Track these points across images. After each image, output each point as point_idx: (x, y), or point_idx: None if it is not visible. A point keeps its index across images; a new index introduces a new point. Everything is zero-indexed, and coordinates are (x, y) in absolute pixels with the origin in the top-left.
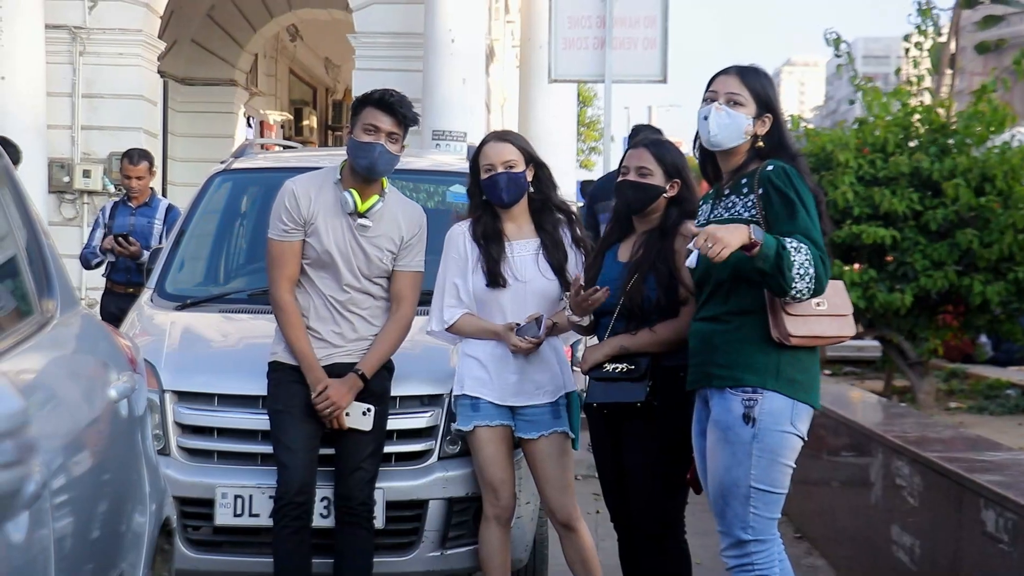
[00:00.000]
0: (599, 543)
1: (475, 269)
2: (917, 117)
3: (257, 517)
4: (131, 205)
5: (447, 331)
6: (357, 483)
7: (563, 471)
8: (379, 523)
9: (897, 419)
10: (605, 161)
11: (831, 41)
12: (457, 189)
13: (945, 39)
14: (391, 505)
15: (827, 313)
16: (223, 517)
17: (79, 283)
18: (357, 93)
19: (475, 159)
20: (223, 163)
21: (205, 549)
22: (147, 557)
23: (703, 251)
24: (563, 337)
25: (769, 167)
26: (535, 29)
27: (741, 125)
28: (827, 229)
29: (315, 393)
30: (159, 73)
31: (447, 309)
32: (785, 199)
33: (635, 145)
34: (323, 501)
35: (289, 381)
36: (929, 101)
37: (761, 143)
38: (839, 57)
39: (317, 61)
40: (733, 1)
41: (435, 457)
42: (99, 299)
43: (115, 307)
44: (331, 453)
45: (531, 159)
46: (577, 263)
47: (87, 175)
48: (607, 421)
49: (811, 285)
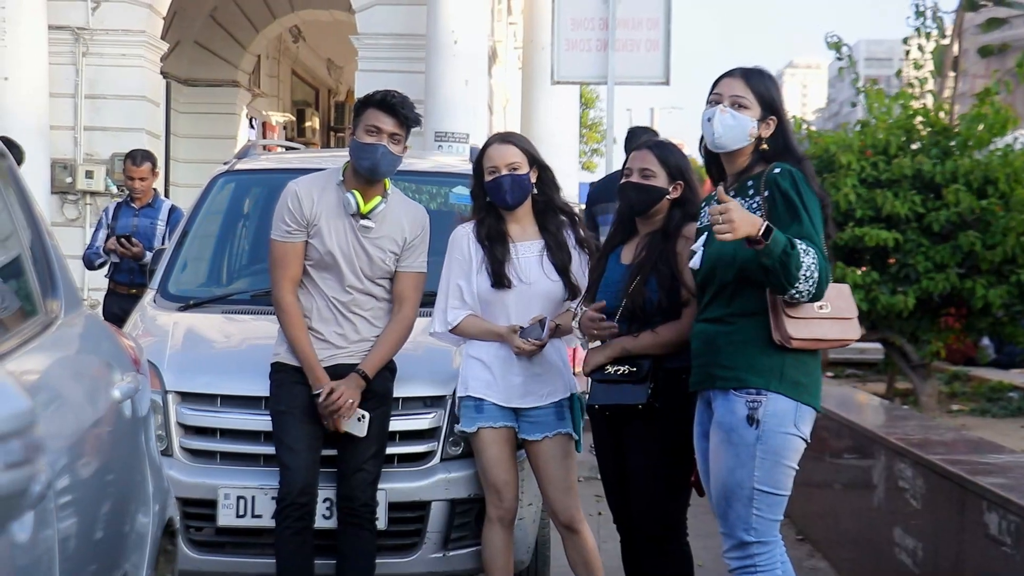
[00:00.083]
0: (601, 545)
1: (479, 270)
2: (919, 119)
3: (259, 518)
4: (134, 206)
5: (451, 332)
6: (359, 484)
7: (566, 472)
8: (381, 524)
9: (899, 421)
10: (607, 163)
11: (832, 45)
12: (460, 191)
13: (948, 42)
14: (393, 506)
15: (830, 316)
16: (225, 518)
17: (82, 284)
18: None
19: (479, 161)
20: (226, 164)
21: (207, 550)
22: (150, 558)
23: (711, 222)
24: (566, 339)
25: (776, 169)
26: (538, 31)
27: (745, 127)
28: (831, 233)
29: (322, 397)
30: (162, 74)
31: (451, 311)
32: (789, 202)
33: (638, 147)
34: (325, 502)
35: (291, 382)
36: (932, 104)
37: (765, 145)
38: (840, 60)
39: (319, 62)
40: (735, 3)
41: (438, 458)
42: (102, 300)
43: (118, 308)
44: (333, 454)
45: (534, 161)
46: (581, 264)
47: (90, 176)
48: (609, 423)
49: (812, 288)
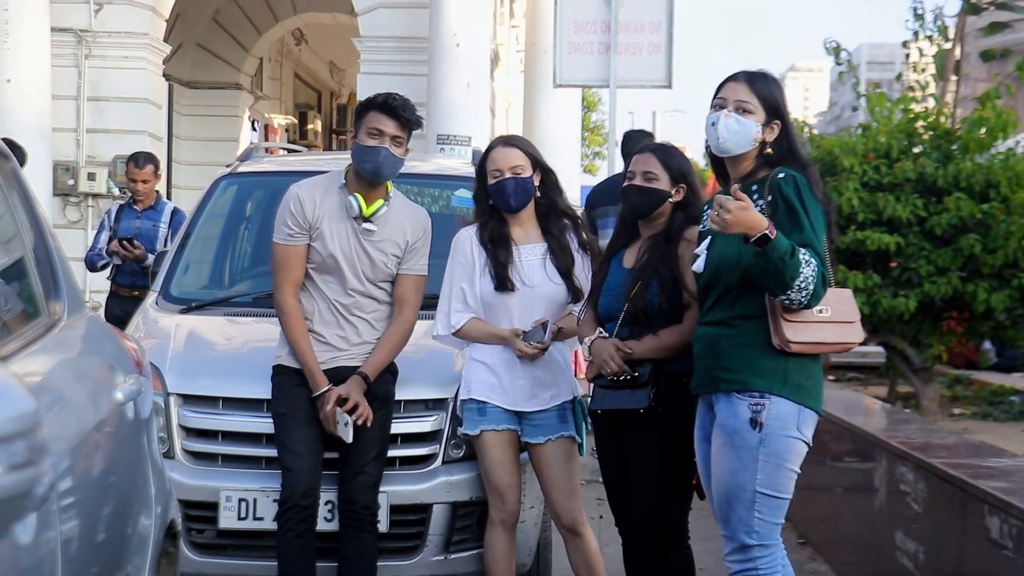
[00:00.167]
0: (603, 548)
1: (483, 273)
2: (921, 123)
3: (261, 520)
4: (136, 208)
5: (454, 335)
6: (361, 487)
7: (569, 475)
8: (383, 527)
9: (901, 425)
10: (609, 166)
11: (831, 50)
12: (462, 193)
13: (950, 45)
14: (395, 509)
15: (830, 320)
16: (227, 520)
17: (84, 286)
18: (362, 97)
19: (482, 164)
20: (228, 167)
21: (209, 552)
22: (152, 560)
23: (712, 215)
24: (568, 342)
25: (780, 175)
26: (540, 34)
27: (750, 132)
28: (834, 237)
29: (326, 406)
30: (164, 76)
31: (454, 314)
32: (791, 209)
33: (641, 150)
34: (327, 505)
35: (293, 384)
36: (933, 107)
37: (770, 150)
38: (839, 65)
39: (322, 65)
40: (738, 7)
41: (439, 461)
42: (104, 302)
43: (120, 310)
44: (336, 457)
45: (538, 164)
46: (584, 267)
47: (92, 178)
48: (611, 427)
49: (804, 299)
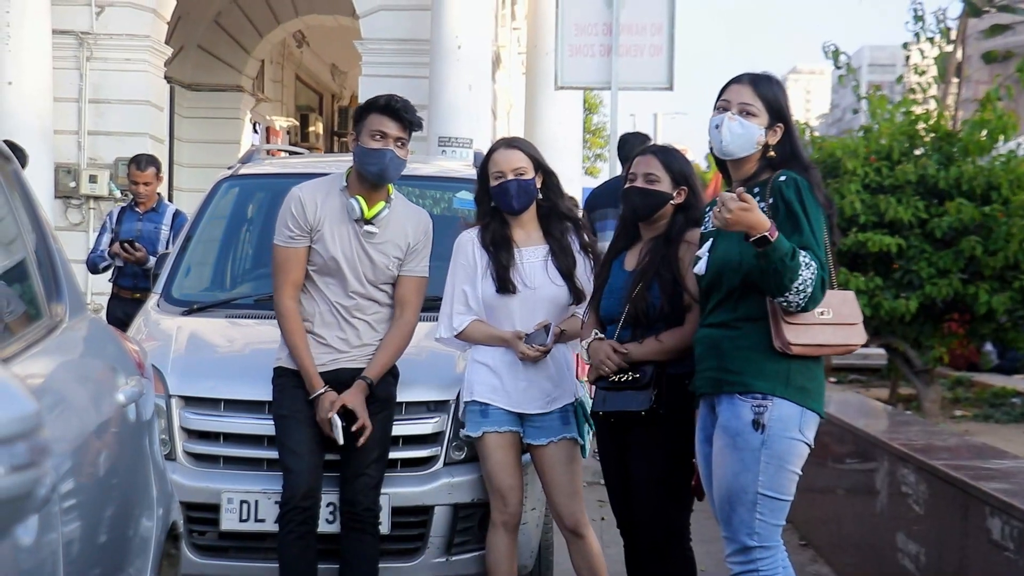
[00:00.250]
0: (604, 550)
1: (484, 275)
2: (922, 125)
3: (263, 522)
4: (138, 210)
5: (456, 338)
6: (362, 489)
7: (572, 477)
8: (385, 529)
9: (902, 427)
10: (611, 168)
11: (830, 54)
12: (463, 195)
13: (952, 48)
14: (397, 511)
15: (831, 322)
16: (229, 522)
17: (85, 288)
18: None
19: (484, 166)
20: (230, 169)
21: (211, 554)
22: (154, 562)
23: (715, 211)
24: (571, 344)
25: (782, 177)
26: (541, 36)
27: (753, 135)
28: (835, 240)
29: (326, 411)
30: (166, 79)
31: (456, 316)
32: (791, 212)
33: (642, 152)
34: (329, 506)
35: (294, 386)
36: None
37: (772, 152)
38: (839, 69)
39: (323, 67)
40: (740, 9)
41: (441, 463)
42: (105, 304)
43: (121, 312)
44: (337, 459)
45: (540, 166)
46: (585, 269)
47: (93, 180)
48: (613, 429)
49: (801, 302)
